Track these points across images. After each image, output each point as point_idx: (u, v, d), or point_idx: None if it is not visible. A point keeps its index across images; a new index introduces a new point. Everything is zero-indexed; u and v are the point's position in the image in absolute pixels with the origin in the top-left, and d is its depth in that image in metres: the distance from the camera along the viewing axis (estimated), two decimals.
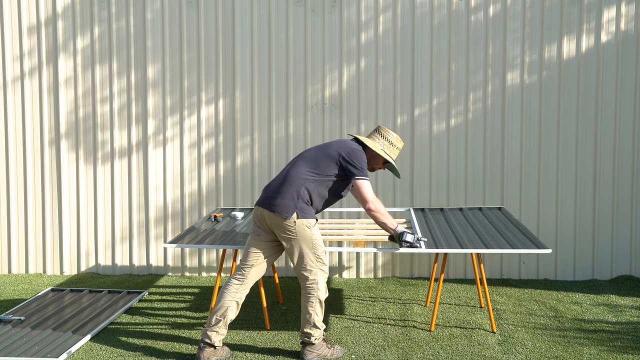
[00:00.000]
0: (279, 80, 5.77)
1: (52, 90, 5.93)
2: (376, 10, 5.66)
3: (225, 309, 3.77)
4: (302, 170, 3.73)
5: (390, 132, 3.95)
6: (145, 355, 3.92)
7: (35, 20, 5.90)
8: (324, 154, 3.78)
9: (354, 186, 3.77)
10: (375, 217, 3.81)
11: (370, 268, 5.84)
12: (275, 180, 3.81)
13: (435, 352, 3.93)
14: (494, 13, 5.61)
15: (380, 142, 3.92)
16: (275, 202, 3.70)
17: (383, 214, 3.81)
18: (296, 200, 3.68)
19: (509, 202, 5.68)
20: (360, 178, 3.72)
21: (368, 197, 3.73)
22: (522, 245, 4.07)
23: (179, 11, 5.79)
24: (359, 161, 3.73)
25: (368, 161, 3.91)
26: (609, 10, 5.54)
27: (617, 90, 5.57)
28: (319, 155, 3.78)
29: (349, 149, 3.76)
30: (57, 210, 5.99)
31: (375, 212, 3.78)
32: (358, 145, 3.84)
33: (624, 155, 5.61)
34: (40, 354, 3.86)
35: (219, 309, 3.77)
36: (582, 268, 5.70)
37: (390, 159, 3.91)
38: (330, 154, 3.76)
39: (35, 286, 5.60)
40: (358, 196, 3.80)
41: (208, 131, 5.84)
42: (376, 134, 3.95)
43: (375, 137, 3.94)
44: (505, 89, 5.64)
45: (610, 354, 3.87)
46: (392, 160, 3.93)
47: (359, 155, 3.74)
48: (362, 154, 3.78)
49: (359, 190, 3.74)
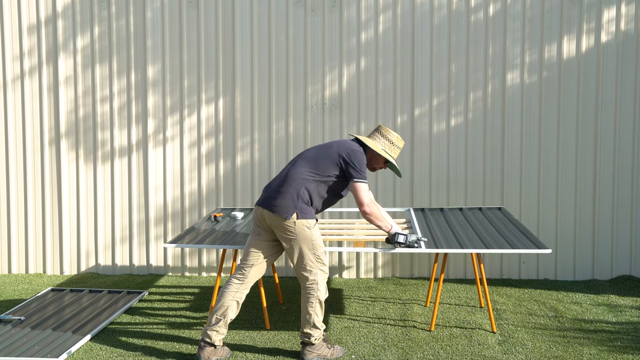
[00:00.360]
0: (279, 80, 5.77)
1: (52, 90, 5.93)
2: (376, 10, 5.66)
3: (226, 308, 3.77)
4: (302, 170, 3.73)
5: (391, 131, 3.95)
6: (145, 355, 3.92)
7: (35, 20, 5.90)
8: (324, 154, 3.78)
9: (352, 188, 3.77)
10: (370, 221, 3.81)
11: (370, 268, 5.84)
12: (276, 180, 3.81)
13: (435, 352, 3.93)
14: (494, 13, 5.61)
15: (381, 142, 3.91)
16: (275, 203, 3.70)
17: (378, 217, 3.81)
18: (296, 200, 3.68)
19: (509, 202, 5.68)
20: (358, 181, 3.72)
21: (364, 200, 3.73)
22: (522, 245, 4.07)
23: (179, 11, 5.79)
24: (358, 163, 3.72)
25: (369, 161, 3.91)
26: (609, 10, 5.54)
27: (617, 90, 5.57)
28: (319, 155, 3.78)
29: (350, 149, 3.76)
30: (57, 210, 5.99)
31: (370, 216, 3.77)
32: (359, 145, 3.84)
33: (624, 155, 5.61)
34: (40, 354, 3.86)
35: (219, 308, 3.78)
36: (582, 268, 5.70)
37: (392, 158, 3.91)
38: (331, 154, 3.76)
39: (35, 286, 5.60)
40: (355, 198, 3.80)
41: (208, 131, 5.84)
42: (377, 134, 3.95)
43: (376, 137, 3.94)
44: (505, 89, 5.64)
45: (610, 354, 3.87)
46: (393, 159, 3.93)
47: (359, 156, 3.74)
48: (362, 156, 3.77)
49: (356, 193, 3.73)
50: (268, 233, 3.82)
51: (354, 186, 3.73)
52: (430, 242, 4.19)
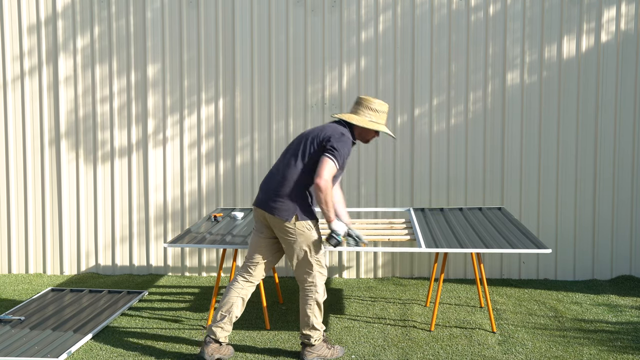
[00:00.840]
0: (279, 80, 5.77)
1: (52, 90, 5.93)
2: (376, 10, 5.66)
3: (231, 304, 3.77)
4: (298, 169, 3.68)
5: (372, 99, 3.82)
6: (145, 355, 3.92)
7: (35, 20, 5.90)
8: (311, 143, 3.68)
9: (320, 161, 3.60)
10: (318, 196, 3.60)
11: (370, 268, 5.84)
12: (272, 180, 3.76)
13: (435, 352, 3.93)
14: (494, 13, 5.61)
15: (366, 114, 3.80)
16: (275, 205, 3.68)
17: (327, 200, 3.59)
18: (295, 201, 3.66)
19: (509, 202, 5.68)
20: (329, 157, 3.58)
21: (324, 174, 3.56)
22: (522, 245, 4.07)
23: (179, 11, 5.79)
24: (337, 145, 3.60)
25: (360, 135, 3.82)
26: (609, 10, 5.54)
27: (617, 90, 5.57)
28: (306, 148, 3.69)
29: (331, 136, 3.64)
30: (57, 210, 5.99)
31: (321, 191, 3.56)
32: (344, 126, 3.75)
33: (624, 155, 5.61)
34: (40, 354, 3.86)
35: (224, 304, 3.77)
36: (582, 268, 5.70)
37: (380, 126, 3.81)
38: (317, 143, 3.66)
39: (35, 286, 5.60)
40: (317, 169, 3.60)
41: (208, 131, 5.84)
42: (359, 107, 3.82)
43: (360, 111, 3.81)
44: (505, 88, 5.64)
45: (610, 354, 3.87)
46: (383, 126, 3.83)
47: (339, 142, 3.62)
48: (343, 141, 3.64)
49: (320, 165, 3.58)
50: (270, 230, 3.81)
51: (322, 159, 3.59)
52: (430, 242, 4.19)
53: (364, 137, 3.87)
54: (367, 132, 3.84)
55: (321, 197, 3.59)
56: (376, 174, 5.71)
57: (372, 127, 3.78)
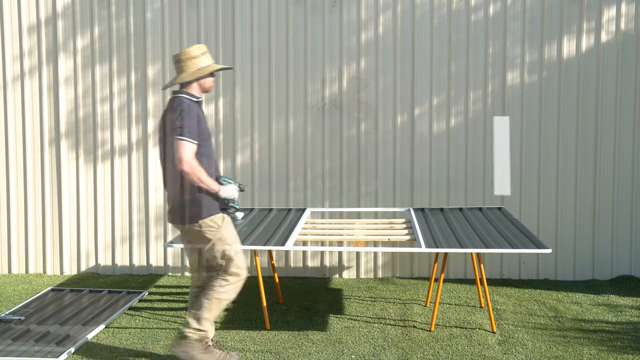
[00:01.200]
0: (278, 80, 5.77)
1: (52, 90, 5.93)
2: (376, 10, 5.66)
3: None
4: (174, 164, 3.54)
5: (185, 50, 3.68)
6: (145, 355, 3.92)
7: (35, 20, 5.90)
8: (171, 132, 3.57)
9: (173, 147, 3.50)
10: (192, 180, 3.49)
11: (370, 268, 5.84)
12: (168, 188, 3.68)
13: (435, 352, 3.93)
14: (494, 12, 5.61)
15: (191, 65, 3.65)
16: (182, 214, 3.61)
17: (200, 178, 3.49)
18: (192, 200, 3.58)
19: (509, 202, 5.68)
20: (179, 137, 3.47)
21: (184, 156, 3.45)
22: (522, 245, 4.07)
23: (179, 11, 5.79)
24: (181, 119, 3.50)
25: (200, 87, 3.70)
26: (609, 10, 5.54)
27: (617, 90, 5.57)
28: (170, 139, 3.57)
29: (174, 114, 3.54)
30: (57, 210, 5.99)
31: (192, 175, 3.47)
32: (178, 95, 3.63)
33: (624, 156, 5.60)
34: (40, 354, 3.86)
35: None
36: (582, 268, 5.70)
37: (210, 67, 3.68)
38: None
39: (35, 286, 5.60)
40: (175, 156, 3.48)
41: None
42: (180, 64, 3.66)
43: (184, 66, 3.65)
44: (505, 88, 5.64)
45: (610, 354, 3.87)
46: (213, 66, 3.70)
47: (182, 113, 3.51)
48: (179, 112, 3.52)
49: (177, 149, 3.47)
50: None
51: (174, 144, 3.48)
52: (430, 242, 4.20)
53: (204, 87, 3.72)
54: (203, 81, 3.70)
55: (193, 179, 3.50)
56: (376, 174, 5.71)
57: (202, 73, 3.64)
